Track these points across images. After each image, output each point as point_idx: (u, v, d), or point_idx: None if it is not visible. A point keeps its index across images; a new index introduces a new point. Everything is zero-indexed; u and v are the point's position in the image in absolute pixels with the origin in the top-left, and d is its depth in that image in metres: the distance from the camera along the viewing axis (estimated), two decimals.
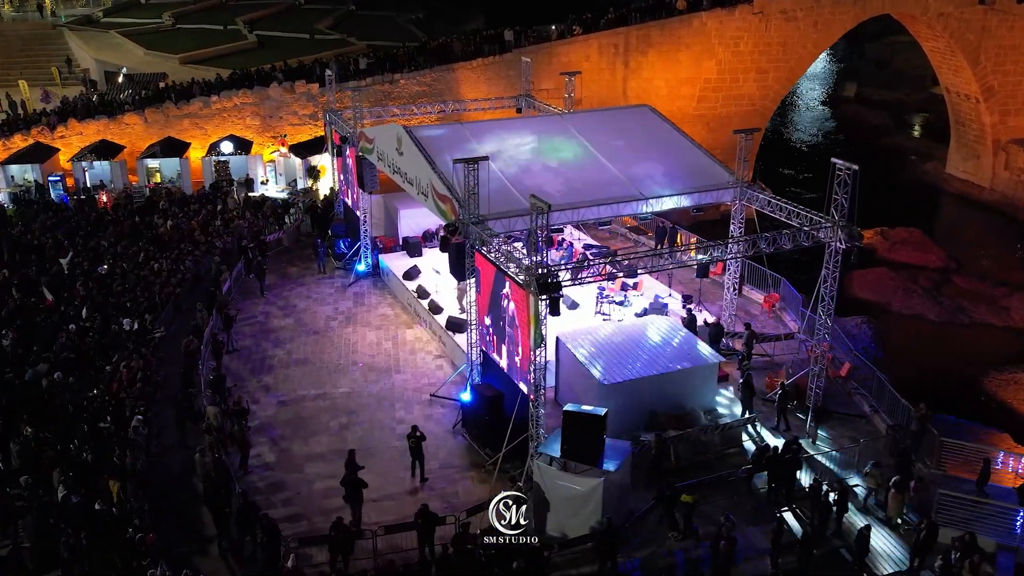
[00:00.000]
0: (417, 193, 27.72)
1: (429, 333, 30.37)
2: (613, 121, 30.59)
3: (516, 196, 25.39)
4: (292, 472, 23.17)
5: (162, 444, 24.07)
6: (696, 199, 27.10)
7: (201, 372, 26.58)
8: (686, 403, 24.68)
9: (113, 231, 35.81)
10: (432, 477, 22.93)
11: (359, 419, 25.57)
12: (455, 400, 26.17)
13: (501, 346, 23.87)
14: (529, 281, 20.64)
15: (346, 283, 34.78)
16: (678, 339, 25.86)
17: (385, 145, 30.07)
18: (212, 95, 46.35)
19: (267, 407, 26.09)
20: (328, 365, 28.61)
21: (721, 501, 21.67)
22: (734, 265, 29.03)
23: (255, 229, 36.92)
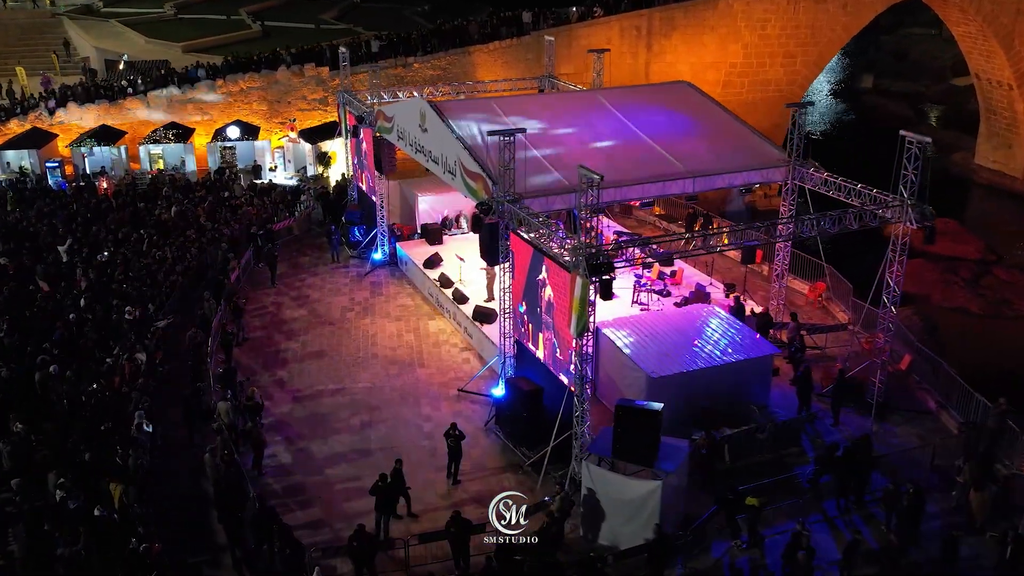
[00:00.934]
0: (443, 172, 25.65)
1: (453, 324, 28.31)
2: (651, 97, 28.56)
3: (553, 173, 23.39)
4: (311, 474, 21.11)
5: (168, 443, 22.01)
6: (746, 178, 25.08)
7: (209, 365, 24.53)
8: (739, 398, 22.62)
9: (114, 218, 33.76)
10: (464, 479, 20.87)
11: (382, 416, 23.51)
12: (486, 396, 24.13)
13: (538, 336, 21.82)
14: (576, 262, 18.58)
15: (362, 272, 32.73)
16: (730, 329, 23.80)
17: (406, 122, 28.00)
18: (217, 79, 44.33)
19: (281, 403, 24.03)
20: (346, 358, 26.55)
21: (785, 506, 19.60)
22: (783, 250, 26.97)
23: (264, 216, 34.82)
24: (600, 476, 18.39)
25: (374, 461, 21.48)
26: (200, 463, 20.32)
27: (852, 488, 19.92)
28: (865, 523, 19.41)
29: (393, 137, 29.42)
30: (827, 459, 20.16)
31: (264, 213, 35.19)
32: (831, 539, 18.70)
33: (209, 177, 39.85)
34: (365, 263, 33.42)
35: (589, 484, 18.60)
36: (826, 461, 20.17)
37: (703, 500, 19.66)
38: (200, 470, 20.27)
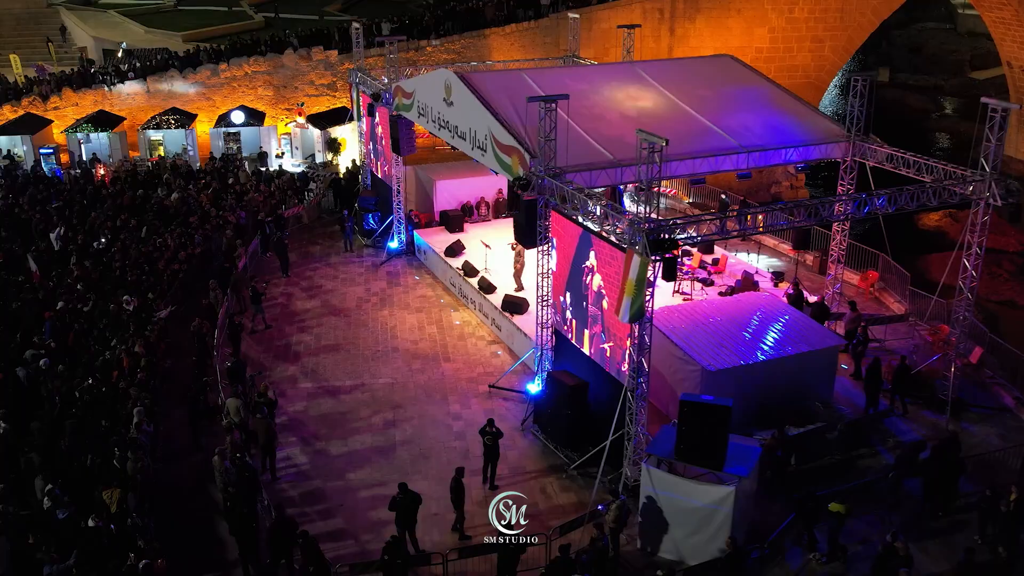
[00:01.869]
0: (471, 148, 23.47)
1: (479, 316, 26.13)
2: (693, 70, 26.40)
3: (594, 147, 21.25)
4: (331, 479, 18.91)
5: (171, 445, 19.84)
6: (804, 153, 22.96)
7: (216, 359, 22.38)
8: (802, 394, 20.46)
9: (111, 204, 31.57)
10: (501, 483, 18.66)
11: (406, 414, 21.33)
12: (521, 392, 21.97)
13: (583, 332, 19.63)
14: (634, 238, 16.41)
15: (377, 262, 30.55)
16: (788, 319, 21.64)
17: (429, 97, 25.83)
18: (221, 63, 42.16)
19: (295, 400, 21.85)
20: (364, 352, 24.36)
21: (865, 513, 17.42)
22: (839, 234, 24.82)
23: (272, 203, 32.63)
24: (664, 481, 16.20)
25: (400, 464, 19.35)
26: (207, 467, 18.11)
27: (940, 493, 17.75)
28: (956, 532, 17.24)
29: (413, 114, 27.25)
30: (911, 461, 17.99)
31: (272, 200, 32.96)
32: (916, 551, 16.49)
33: (212, 162, 37.56)
34: (380, 252, 31.25)
35: (649, 490, 16.41)
36: (910, 463, 17.99)
37: (770, 507, 17.54)
38: (207, 475, 18.07)
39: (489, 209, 32.19)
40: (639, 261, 16.27)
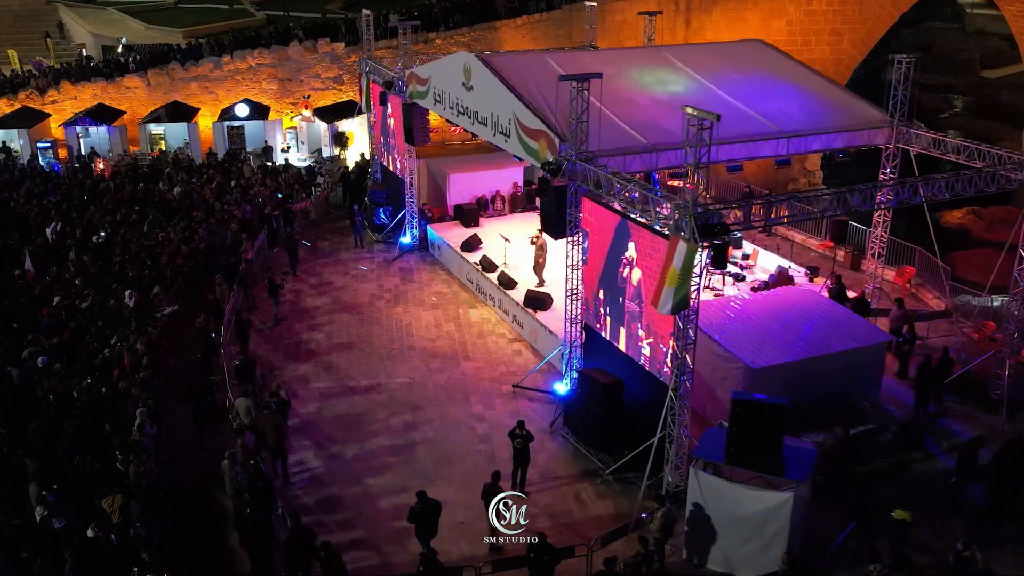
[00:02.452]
0: (494, 134, 22.20)
1: (498, 313, 24.84)
2: (724, 54, 25.16)
3: (626, 131, 19.99)
4: (349, 485, 17.60)
5: (176, 448, 18.54)
6: (846, 139, 21.71)
7: (223, 357, 21.09)
8: (849, 393, 19.19)
9: (111, 198, 30.29)
10: (532, 490, 17.35)
11: (426, 416, 20.03)
12: (548, 392, 20.69)
13: (618, 327, 18.33)
14: (680, 223, 15.14)
15: (390, 257, 29.27)
16: (831, 314, 20.38)
17: (446, 82, 24.57)
18: (224, 55, 40.91)
19: (307, 401, 20.54)
20: (379, 350, 23.07)
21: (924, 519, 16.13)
22: (880, 225, 23.59)
23: (279, 196, 31.32)
24: (714, 487, 14.90)
25: (422, 468, 18.05)
26: (215, 471, 16.78)
27: (1005, 497, 16.47)
28: None
29: (428, 102, 25.98)
30: (972, 460, 16.70)
31: (279, 192, 31.64)
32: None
33: (212, 156, 36.26)
34: (392, 248, 29.97)
35: (697, 497, 15.11)
36: (972, 464, 16.70)
37: (823, 514, 16.27)
38: (216, 480, 16.74)
39: (505, 203, 30.93)
40: (685, 248, 15.00)
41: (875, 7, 45.43)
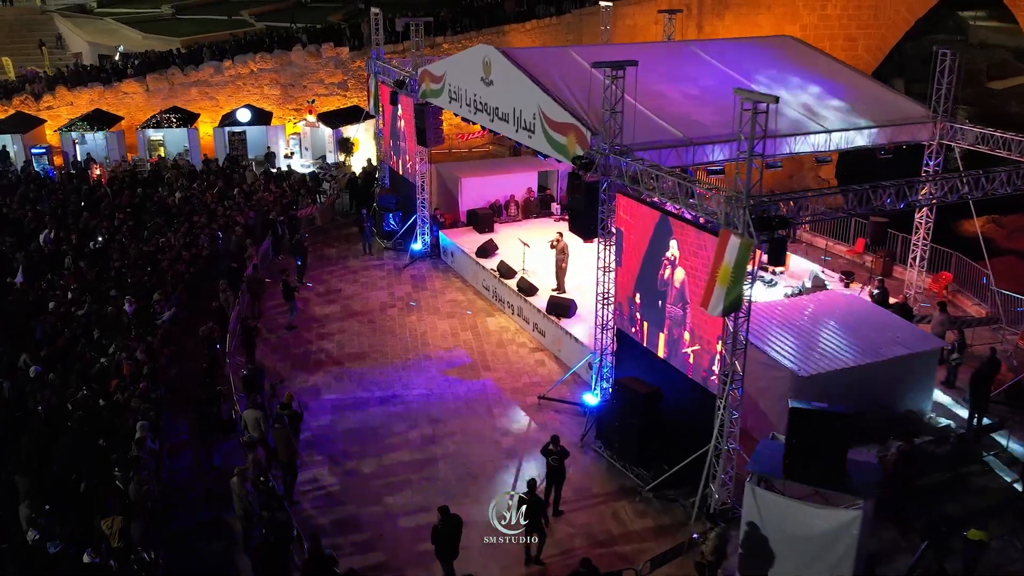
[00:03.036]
0: (516, 131, 21.00)
1: (518, 321, 23.57)
2: (754, 49, 24.01)
3: (660, 125, 18.82)
4: (366, 503, 16.26)
5: (179, 465, 17.19)
6: (891, 135, 20.57)
7: (228, 366, 19.80)
8: (900, 402, 17.97)
9: (109, 203, 29.01)
10: (566, 508, 16.06)
11: (447, 429, 18.71)
12: (576, 404, 19.40)
13: (657, 332, 17.05)
14: (732, 216, 13.93)
15: (400, 265, 27.99)
16: (877, 319, 19.18)
17: (462, 79, 23.41)
18: (225, 60, 39.77)
19: (319, 414, 19.21)
20: (393, 361, 21.78)
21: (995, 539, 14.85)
22: (922, 227, 22.43)
23: (284, 202, 30.09)
24: (773, 505, 13.59)
25: (444, 486, 16.71)
26: (223, 490, 15.42)
27: None
28: None
29: (443, 100, 24.80)
30: None
31: (284, 199, 30.40)
32: None
33: (209, 163, 35.01)
34: (402, 255, 28.71)
35: (753, 515, 13.79)
36: None
37: (884, 531, 15.00)
38: (224, 499, 15.36)
39: (519, 209, 29.72)
40: (739, 244, 13.77)
41: (890, 12, 44.61)
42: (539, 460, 17.22)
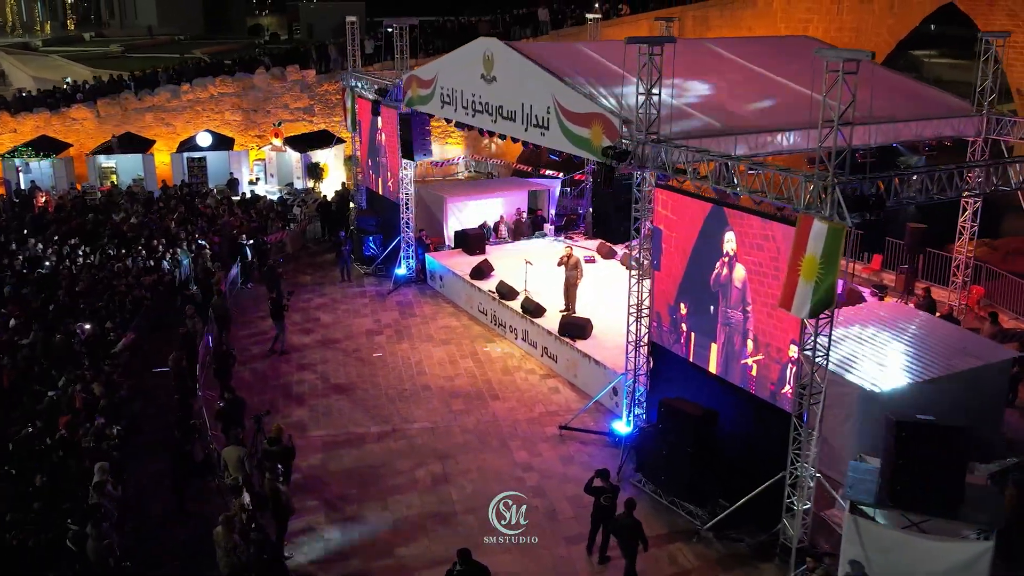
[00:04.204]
0: (525, 129, 18.80)
1: (523, 347, 21.17)
2: (773, 47, 22.44)
3: (693, 115, 16.76)
4: (375, 556, 13.58)
5: (147, 515, 14.33)
6: (936, 128, 18.82)
7: (199, 399, 17.04)
8: (976, 419, 15.83)
9: (56, 229, 26.12)
10: (615, 554, 13.53)
11: (460, 466, 16.13)
12: (605, 434, 16.98)
13: (708, 343, 14.78)
14: (817, 199, 11.84)
15: (384, 291, 25.45)
16: (939, 329, 17.19)
17: (458, 79, 21.25)
18: (182, 83, 37.22)
19: (307, 453, 16.46)
20: (387, 392, 19.19)
21: None
22: (967, 230, 20.67)
23: (252, 226, 27.45)
24: (882, 538, 11.28)
25: (467, 532, 14.09)
26: (203, 543, 12.65)
27: None
28: None
29: (434, 106, 22.58)
30: None
31: (251, 223, 27.78)
32: None
33: (176, 188, 32.32)
34: (383, 281, 26.15)
35: (856, 551, 11.44)
36: None
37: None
38: (204, 554, 12.58)
39: (509, 231, 27.47)
40: (827, 230, 11.64)
41: (871, 35, 43.78)
42: (572, 498, 14.83)
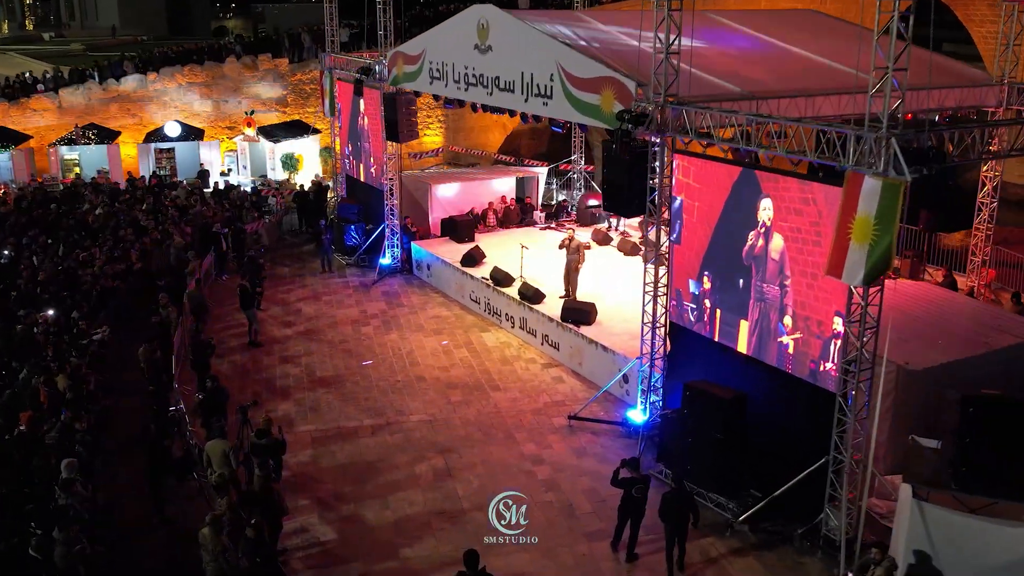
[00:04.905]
0: (525, 100, 17.60)
1: (521, 335, 19.93)
2: (778, 19, 21.35)
3: (710, 81, 15.63)
4: (378, 558, 12.26)
5: (122, 519, 12.86)
6: (958, 98, 17.82)
7: (176, 391, 15.60)
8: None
9: (15, 220, 24.45)
10: (641, 551, 12.37)
11: (463, 460, 14.85)
12: (619, 423, 15.79)
13: (736, 320, 13.63)
14: (871, 154, 10.76)
15: (368, 281, 24.09)
16: (970, 307, 16.29)
17: (448, 51, 20.03)
18: (149, 72, 35.54)
19: (296, 449, 15.05)
20: (379, 383, 17.86)
21: None
22: (988, 204, 19.80)
23: (227, 215, 25.96)
24: (951, 525, 10.17)
25: (476, 529, 12.82)
26: (186, 550, 11.24)
27: None
28: None
29: (422, 82, 21.33)
30: None
31: (225, 212, 26.28)
32: None
33: (143, 179, 30.74)
34: (367, 271, 24.77)
35: (920, 540, 10.34)
36: None
37: None
38: (187, 560, 11.17)
39: (497, 219, 26.24)
40: (880, 186, 10.56)
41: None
42: (588, 492, 13.64)
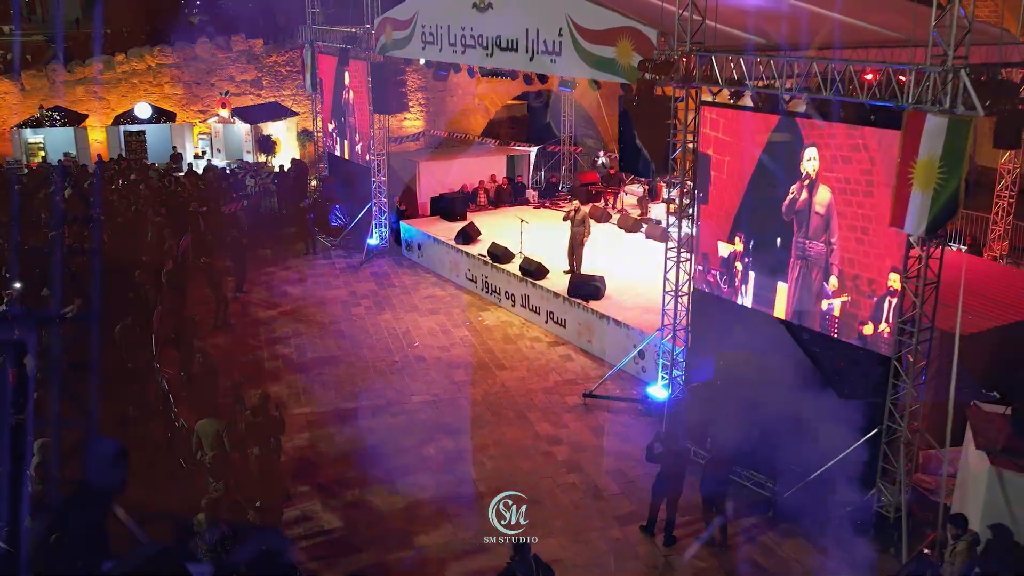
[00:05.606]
0: (529, 59, 16.48)
1: (523, 313, 18.82)
2: None
3: (731, 33, 14.62)
4: (391, 548, 11.11)
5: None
6: (984, 54, 16.95)
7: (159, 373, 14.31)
8: None
9: None
10: (678, 534, 11.31)
11: (476, 441, 13.74)
12: (637, 401, 14.75)
13: (773, 283, 12.60)
14: (935, 90, 9.78)
15: (355, 263, 22.85)
16: (1004, 273, 15.50)
17: (443, 13, 18.85)
18: (117, 54, 33.92)
19: (290, 433, 13.77)
20: (375, 364, 16.67)
21: None
22: (1008, 176, 18.98)
23: (206, 194, 24.60)
24: None
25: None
26: (179, 538, 9.98)
27: None
28: None
29: (413, 48, 20.13)
30: None
31: (204, 192, 24.91)
32: None
33: (113, 162, 29.25)
34: (353, 253, 23.53)
35: (1000, 510, 9.39)
36: None
37: None
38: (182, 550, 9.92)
39: (489, 197, 25.14)
40: (946, 124, 9.59)
41: None
42: (614, 473, 12.56)
